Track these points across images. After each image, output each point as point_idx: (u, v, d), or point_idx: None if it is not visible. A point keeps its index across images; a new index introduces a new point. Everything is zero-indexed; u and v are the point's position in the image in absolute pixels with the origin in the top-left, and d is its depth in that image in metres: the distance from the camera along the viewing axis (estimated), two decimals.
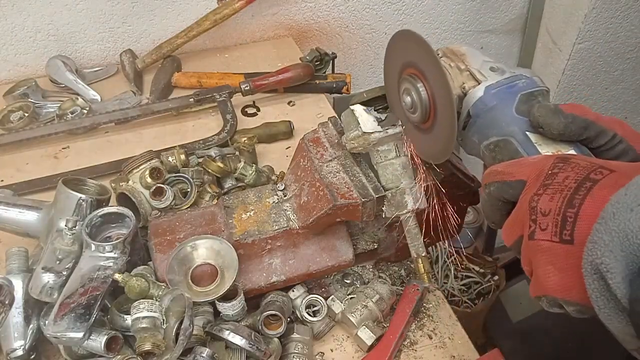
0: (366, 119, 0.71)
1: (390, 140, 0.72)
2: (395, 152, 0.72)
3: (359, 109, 0.72)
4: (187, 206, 0.87)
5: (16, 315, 0.72)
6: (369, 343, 0.77)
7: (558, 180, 0.45)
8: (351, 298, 0.81)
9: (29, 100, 1.20)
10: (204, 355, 0.68)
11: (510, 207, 0.53)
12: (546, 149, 0.58)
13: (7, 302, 0.69)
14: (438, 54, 0.70)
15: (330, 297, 0.80)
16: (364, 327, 0.77)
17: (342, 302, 0.80)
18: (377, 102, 0.74)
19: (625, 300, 0.36)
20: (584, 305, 0.42)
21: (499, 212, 0.56)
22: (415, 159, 0.71)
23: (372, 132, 0.70)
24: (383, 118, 0.72)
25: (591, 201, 0.42)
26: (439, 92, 0.62)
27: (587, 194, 0.42)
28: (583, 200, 0.42)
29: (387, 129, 0.71)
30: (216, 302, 0.73)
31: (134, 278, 0.69)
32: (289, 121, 1.14)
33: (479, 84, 0.65)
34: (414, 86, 0.65)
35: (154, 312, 0.67)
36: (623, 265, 0.36)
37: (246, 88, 1.17)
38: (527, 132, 0.60)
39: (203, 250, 0.75)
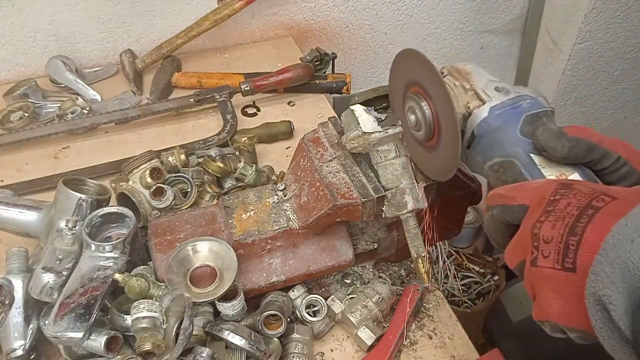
0: (366, 119, 0.71)
1: (390, 140, 0.72)
2: (395, 152, 0.72)
3: (359, 109, 0.72)
4: (187, 206, 0.87)
5: (16, 315, 0.72)
6: (369, 343, 0.77)
7: (560, 207, 0.45)
8: (351, 298, 0.81)
9: (29, 100, 1.20)
10: (204, 355, 0.68)
11: (513, 230, 0.53)
12: (550, 172, 0.58)
13: (7, 302, 0.69)
14: (442, 73, 0.70)
15: (330, 297, 0.80)
16: (364, 327, 0.77)
17: (342, 302, 0.80)
18: (377, 102, 0.74)
19: (629, 332, 0.36)
20: (587, 332, 0.43)
21: (502, 234, 0.56)
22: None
23: (372, 132, 0.70)
24: (383, 118, 0.72)
25: (593, 229, 0.42)
26: (442, 110, 0.62)
27: (589, 222, 0.42)
28: (585, 228, 0.42)
29: (387, 129, 0.71)
30: (216, 302, 0.73)
31: (134, 278, 0.69)
32: (289, 121, 1.14)
33: (484, 104, 0.65)
34: (418, 104, 0.65)
35: (154, 312, 0.67)
36: (625, 297, 0.36)
37: (246, 88, 1.17)
38: (531, 154, 0.60)
39: (202, 252, 0.75)
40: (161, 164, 0.90)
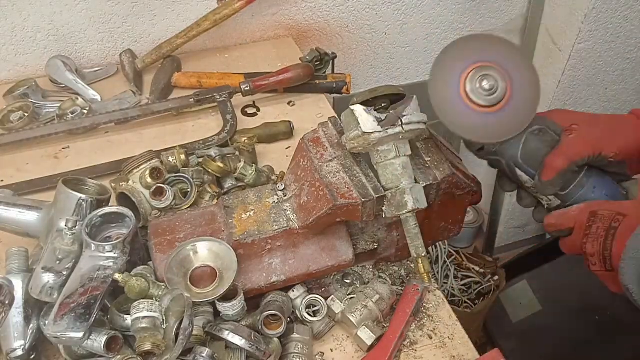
0: (366, 119, 0.71)
1: (390, 140, 0.72)
2: (395, 152, 0.72)
3: (359, 109, 0.72)
4: (187, 206, 0.87)
5: (16, 315, 0.72)
6: (369, 343, 0.77)
7: (593, 231, 0.67)
8: (351, 298, 0.81)
9: (29, 100, 1.20)
10: (204, 355, 0.68)
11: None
12: None
13: (7, 302, 0.69)
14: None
15: (330, 297, 0.80)
16: (364, 327, 0.77)
17: (342, 302, 0.80)
18: (377, 102, 0.74)
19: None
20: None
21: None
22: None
23: (372, 132, 0.70)
24: (383, 118, 0.72)
25: (617, 246, 0.64)
26: (524, 79, 0.74)
27: (613, 240, 0.65)
28: (612, 244, 0.65)
29: (387, 129, 0.71)
30: (216, 302, 0.73)
31: (134, 278, 0.69)
32: (289, 121, 1.14)
33: None
34: (495, 74, 0.73)
35: (154, 312, 0.67)
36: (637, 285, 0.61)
37: (246, 88, 1.17)
38: None
39: (202, 252, 0.75)
40: (161, 164, 0.90)
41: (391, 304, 0.81)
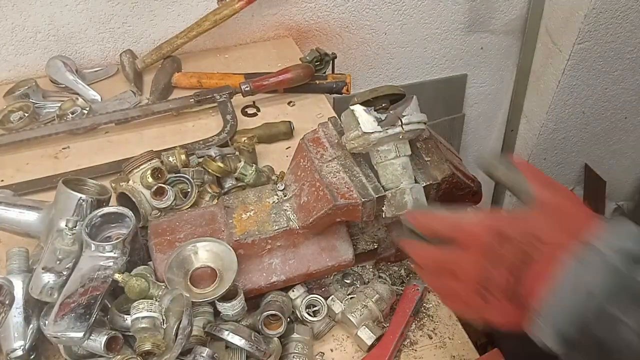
0: (366, 119, 0.71)
1: (390, 140, 0.72)
2: (395, 152, 0.72)
3: (359, 109, 0.72)
4: (187, 206, 0.87)
5: (16, 315, 0.72)
6: (369, 343, 0.77)
7: (501, 258, 0.53)
8: (351, 298, 0.81)
9: (29, 100, 1.20)
10: (204, 355, 0.68)
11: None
12: None
13: (7, 302, 0.69)
14: None
15: (330, 297, 0.80)
16: (364, 327, 0.77)
17: (342, 302, 0.80)
18: (377, 102, 0.74)
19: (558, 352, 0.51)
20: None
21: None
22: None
23: (372, 132, 0.70)
24: (383, 118, 0.72)
25: (532, 279, 0.51)
26: None
27: (527, 271, 0.51)
28: (527, 277, 0.51)
29: (387, 129, 0.71)
30: (216, 302, 0.73)
31: (134, 278, 0.69)
32: (289, 121, 1.14)
33: None
34: None
35: (154, 312, 0.67)
36: (559, 340, 0.50)
37: (246, 89, 1.17)
38: None
39: (202, 252, 0.75)
40: (161, 164, 0.90)
41: (391, 304, 0.81)
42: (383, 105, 0.74)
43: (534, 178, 0.58)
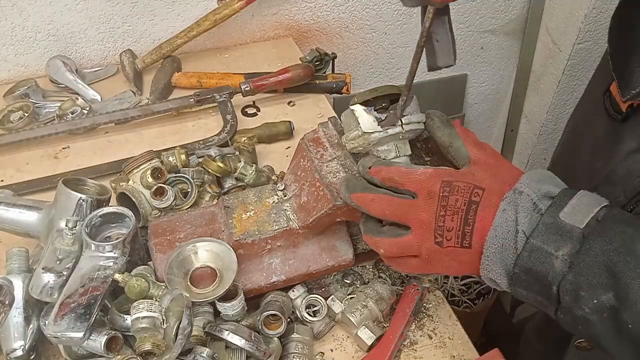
0: (366, 119, 0.71)
1: (390, 140, 0.72)
2: (395, 152, 0.72)
3: (359, 109, 0.72)
4: (187, 206, 0.87)
5: (16, 315, 0.72)
6: (369, 343, 0.77)
7: (451, 204, 0.60)
8: (351, 298, 0.81)
9: (29, 100, 1.20)
10: (204, 355, 0.68)
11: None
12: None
13: (7, 302, 0.69)
14: None
15: (330, 297, 0.81)
16: (364, 327, 0.77)
17: (342, 302, 0.80)
18: (377, 102, 0.74)
19: (508, 289, 0.60)
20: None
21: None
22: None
23: (372, 132, 0.70)
24: (383, 118, 0.72)
25: (479, 220, 0.59)
26: None
27: (475, 215, 0.59)
28: (474, 220, 0.59)
29: (387, 129, 0.71)
30: (216, 302, 0.73)
31: (134, 278, 0.69)
32: (289, 121, 1.14)
33: None
34: None
35: (154, 312, 0.67)
36: (504, 275, 0.58)
37: (246, 89, 1.17)
38: None
39: (202, 253, 0.75)
40: (161, 164, 0.90)
41: (391, 304, 0.81)
42: (383, 105, 0.74)
43: (467, 139, 0.66)
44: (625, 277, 0.50)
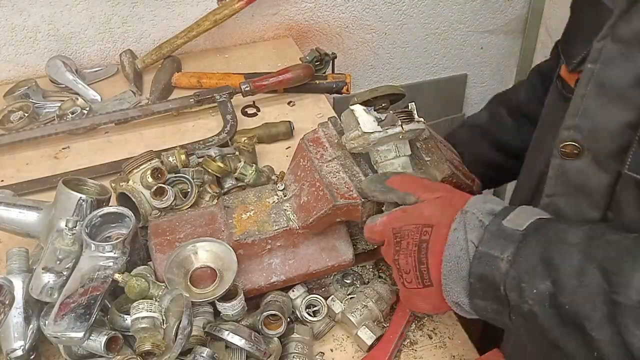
0: (366, 119, 0.71)
1: (390, 140, 0.72)
2: (395, 152, 0.73)
3: (358, 109, 0.72)
4: (187, 206, 0.87)
5: (16, 315, 0.72)
6: (369, 343, 0.77)
7: (404, 247, 0.64)
8: (351, 298, 0.81)
9: (29, 100, 1.20)
10: (204, 355, 0.68)
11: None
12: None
13: (7, 302, 0.69)
14: None
15: (330, 297, 0.80)
16: (364, 327, 0.77)
17: (342, 302, 0.80)
18: (377, 102, 0.74)
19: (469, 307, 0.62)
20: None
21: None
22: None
23: (371, 132, 0.70)
24: (383, 118, 0.72)
25: (432, 257, 0.62)
26: None
27: (427, 253, 0.62)
28: (427, 258, 0.62)
29: (387, 129, 0.71)
30: (216, 302, 0.73)
31: (134, 278, 0.69)
32: (289, 121, 1.14)
33: None
34: None
35: (154, 312, 0.67)
36: (463, 291, 0.60)
37: (246, 89, 1.17)
38: None
39: (202, 253, 0.75)
40: (161, 164, 0.90)
41: (391, 304, 0.81)
42: (383, 105, 0.74)
43: (412, 186, 0.68)
44: (557, 262, 0.53)
